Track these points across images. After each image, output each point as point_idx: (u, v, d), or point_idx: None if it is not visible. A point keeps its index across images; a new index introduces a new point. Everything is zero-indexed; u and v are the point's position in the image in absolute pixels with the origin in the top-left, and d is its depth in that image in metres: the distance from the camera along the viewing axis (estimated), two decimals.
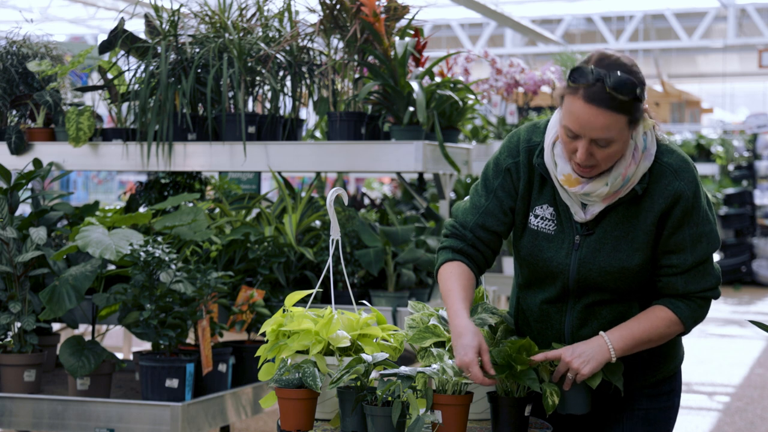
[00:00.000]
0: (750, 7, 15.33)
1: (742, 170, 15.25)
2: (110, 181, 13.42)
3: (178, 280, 3.67)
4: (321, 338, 2.47)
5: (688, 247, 2.44)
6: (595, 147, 2.33)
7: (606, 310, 2.53)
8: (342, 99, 4.31)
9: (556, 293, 2.54)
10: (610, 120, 2.29)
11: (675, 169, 2.43)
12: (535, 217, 2.53)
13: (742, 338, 10.10)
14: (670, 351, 2.65)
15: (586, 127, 2.30)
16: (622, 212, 2.45)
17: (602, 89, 2.28)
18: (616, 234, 2.45)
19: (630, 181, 2.41)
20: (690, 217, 2.43)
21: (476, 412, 2.52)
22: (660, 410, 2.67)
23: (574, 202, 2.46)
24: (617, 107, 2.28)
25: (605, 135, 2.30)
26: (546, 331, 2.59)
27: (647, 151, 2.42)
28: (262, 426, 6.10)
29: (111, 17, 15.41)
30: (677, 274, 2.48)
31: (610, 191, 2.41)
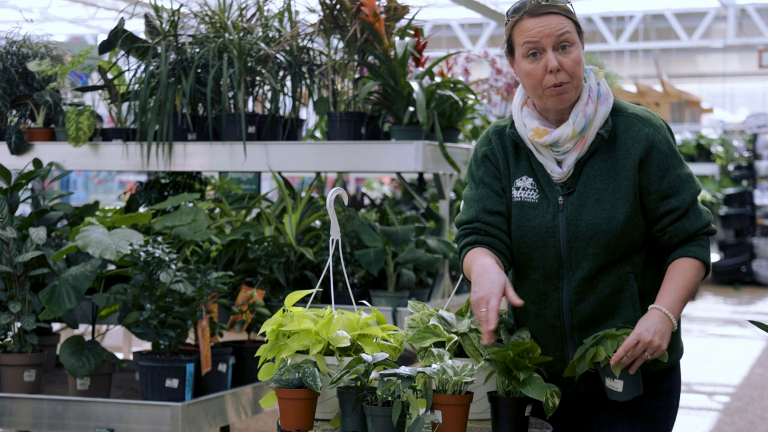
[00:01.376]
0: (750, 7, 15.33)
1: (742, 170, 15.25)
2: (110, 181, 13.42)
3: (178, 280, 3.67)
4: (321, 338, 2.47)
5: (681, 187, 2.53)
6: (560, 54, 2.46)
7: (602, 284, 2.54)
8: (342, 99, 4.32)
9: (550, 266, 2.55)
10: (561, 20, 2.47)
11: (641, 118, 2.54)
12: (516, 189, 2.59)
13: (742, 338, 10.10)
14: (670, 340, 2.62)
15: (543, 32, 2.46)
16: (598, 165, 2.52)
17: (540, 3, 2.48)
18: (596, 187, 2.51)
19: (592, 124, 2.51)
20: (672, 160, 2.53)
21: (476, 412, 2.52)
22: (659, 410, 2.66)
23: (549, 160, 2.54)
24: (560, 12, 2.48)
25: (562, 31, 2.46)
26: (544, 311, 2.59)
27: (603, 96, 2.54)
28: (262, 426, 6.10)
29: (111, 17, 15.41)
30: (681, 216, 2.54)
31: (575, 130, 2.49)
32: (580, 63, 2.49)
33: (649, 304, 2.56)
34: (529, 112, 2.56)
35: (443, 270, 4.45)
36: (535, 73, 2.48)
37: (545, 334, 2.61)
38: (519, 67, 2.53)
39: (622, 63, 19.41)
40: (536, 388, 2.36)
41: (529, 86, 2.51)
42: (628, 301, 2.56)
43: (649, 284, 2.58)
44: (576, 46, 2.48)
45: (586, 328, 2.57)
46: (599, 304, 2.54)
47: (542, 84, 2.48)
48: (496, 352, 2.39)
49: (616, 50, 17.10)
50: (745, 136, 15.59)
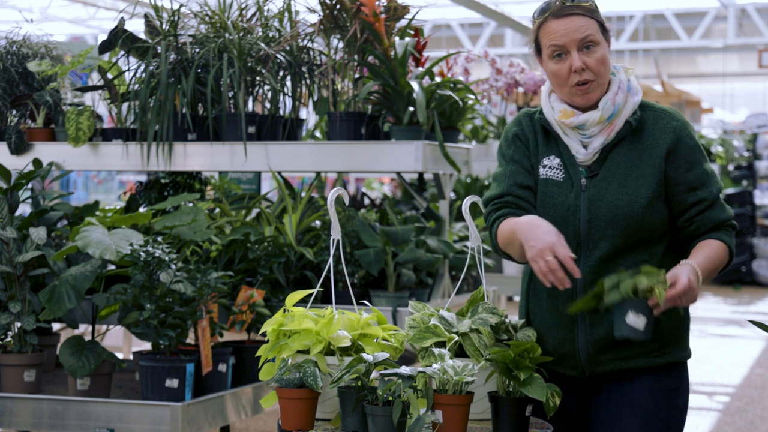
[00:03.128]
0: (750, 7, 15.34)
1: (742, 170, 15.25)
2: (110, 181, 13.43)
3: (178, 280, 3.66)
4: (322, 338, 2.47)
5: (708, 180, 2.60)
6: (584, 54, 2.57)
7: (618, 267, 2.55)
8: (342, 99, 4.31)
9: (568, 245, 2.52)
10: (585, 21, 2.58)
11: (669, 113, 2.64)
12: (543, 167, 2.66)
13: (742, 338, 10.10)
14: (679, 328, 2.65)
15: (567, 34, 2.57)
16: (623, 153, 2.60)
17: (565, 5, 2.59)
18: (620, 172, 2.58)
19: (621, 112, 2.60)
20: (698, 155, 2.61)
21: (476, 412, 2.52)
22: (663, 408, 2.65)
23: (575, 142, 2.62)
24: (584, 12, 2.59)
25: (586, 33, 2.56)
26: (558, 290, 2.58)
27: (633, 90, 2.64)
28: (262, 426, 6.10)
29: (111, 17, 15.41)
30: (708, 207, 2.60)
31: (602, 116, 2.58)
32: (604, 62, 2.59)
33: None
34: (556, 98, 2.65)
35: (443, 270, 4.44)
36: (561, 73, 2.58)
37: (557, 314, 2.63)
38: (546, 67, 2.63)
39: (622, 63, 19.41)
40: (537, 388, 2.36)
41: (557, 85, 2.62)
42: None
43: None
44: (600, 46, 2.58)
45: (598, 312, 2.57)
46: None
47: (568, 83, 2.58)
48: (496, 352, 2.39)
49: (616, 50, 17.09)
50: (745, 136, 15.59)
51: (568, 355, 2.63)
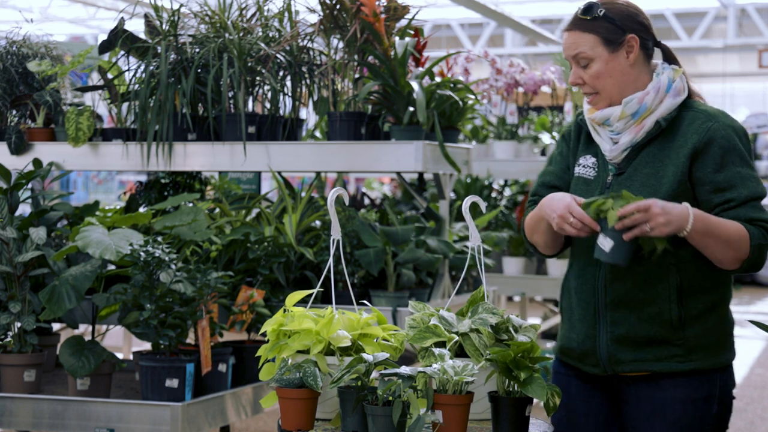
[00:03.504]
0: (750, 7, 15.33)
1: None
2: (110, 181, 13.43)
3: (178, 280, 3.66)
4: (322, 338, 2.47)
5: (739, 183, 2.54)
6: (580, 69, 2.62)
7: (641, 268, 2.56)
8: (342, 99, 4.31)
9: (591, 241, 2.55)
10: (578, 38, 2.60)
11: (710, 114, 2.59)
12: (578, 165, 2.72)
13: (742, 338, 10.09)
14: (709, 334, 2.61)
15: (566, 50, 2.64)
16: (653, 153, 2.60)
17: (572, 19, 2.64)
18: (645, 171, 2.58)
19: (650, 112, 2.59)
20: (733, 157, 2.54)
21: (476, 412, 2.52)
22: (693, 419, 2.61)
23: (604, 139, 2.65)
24: (583, 27, 2.60)
25: (576, 51, 2.60)
26: (583, 285, 2.64)
27: (675, 91, 2.61)
28: (262, 426, 6.10)
29: (111, 17, 15.40)
30: (736, 206, 2.54)
31: (624, 112, 2.59)
32: (600, 77, 2.60)
33: (688, 302, 2.56)
34: None
35: (443, 270, 4.44)
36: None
37: (581, 310, 2.66)
38: None
39: None
40: (537, 388, 2.35)
41: None
42: (665, 292, 2.56)
43: (692, 281, 2.58)
44: (597, 61, 2.60)
45: (617, 308, 2.58)
46: (634, 287, 2.56)
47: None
48: (496, 352, 2.39)
49: None
50: None
51: (590, 352, 2.65)
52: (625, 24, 2.60)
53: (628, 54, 2.61)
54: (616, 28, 2.59)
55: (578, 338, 2.67)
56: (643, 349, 2.60)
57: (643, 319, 2.59)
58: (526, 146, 6.84)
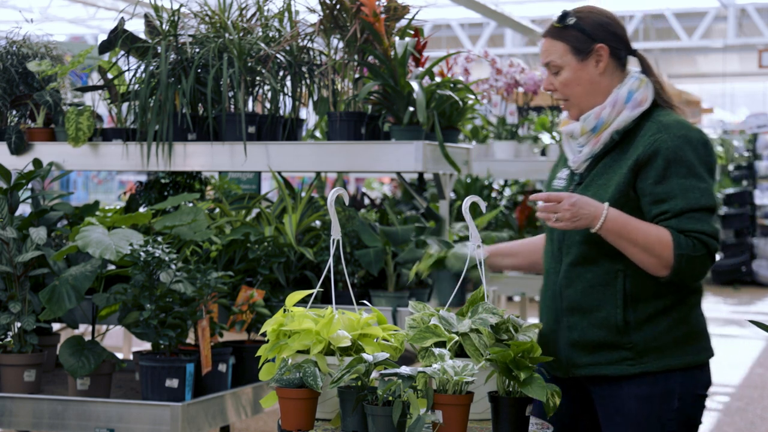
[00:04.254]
0: (750, 7, 15.33)
1: (742, 170, 15.25)
2: (110, 181, 13.43)
3: (178, 280, 3.66)
4: (322, 338, 2.47)
5: (679, 195, 2.56)
6: (552, 75, 2.71)
7: (590, 274, 2.65)
8: (342, 99, 4.31)
9: (554, 249, 2.74)
10: (550, 45, 2.68)
11: (663, 125, 2.62)
12: (557, 178, 2.85)
13: (742, 338, 10.10)
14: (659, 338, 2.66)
15: (540, 56, 2.72)
16: (609, 163, 2.67)
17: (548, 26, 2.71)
18: (599, 182, 2.67)
19: (607, 125, 2.65)
20: (678, 168, 2.57)
21: (476, 412, 2.52)
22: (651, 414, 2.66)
23: (570, 150, 2.77)
24: (555, 35, 2.68)
25: (548, 59, 2.69)
26: (546, 292, 2.78)
27: (634, 102, 2.65)
28: (262, 426, 6.10)
29: (111, 17, 15.40)
30: (670, 218, 2.57)
31: (584, 128, 2.67)
32: (569, 84, 2.68)
33: (636, 306, 2.61)
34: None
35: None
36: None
37: (546, 315, 2.79)
38: None
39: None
40: (537, 388, 2.36)
41: None
42: (612, 298, 2.63)
43: (641, 286, 2.62)
44: (567, 69, 2.68)
45: (572, 314, 2.68)
46: (584, 293, 2.65)
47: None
48: (496, 352, 2.39)
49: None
50: (745, 136, 15.59)
51: (553, 354, 2.74)
52: (596, 33, 2.66)
53: (598, 63, 2.68)
54: (586, 37, 2.66)
55: (544, 342, 2.74)
56: (597, 353, 2.67)
57: (593, 324, 2.66)
58: (526, 146, 6.84)
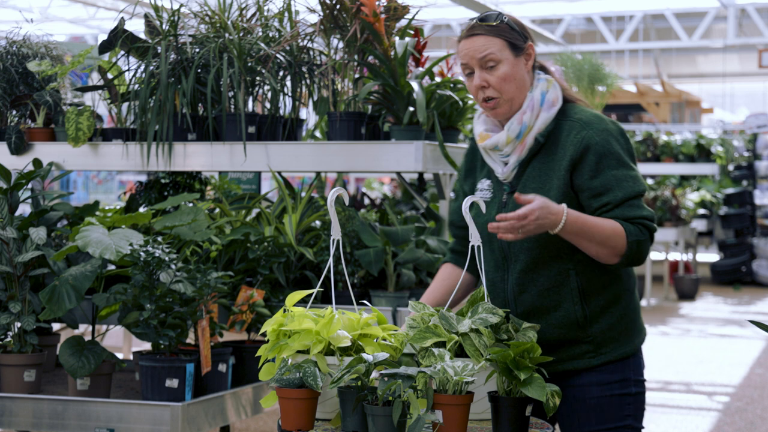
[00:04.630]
0: (750, 7, 15.33)
1: (742, 170, 15.25)
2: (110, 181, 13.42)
3: (178, 280, 3.66)
4: (322, 338, 2.47)
5: (615, 186, 2.67)
6: (486, 73, 2.71)
7: (542, 278, 2.73)
8: (342, 99, 4.31)
9: (497, 259, 2.79)
10: (485, 41, 2.71)
11: (584, 122, 2.72)
12: (478, 190, 2.87)
13: (742, 338, 10.10)
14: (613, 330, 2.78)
15: (469, 53, 2.73)
16: (537, 167, 2.74)
17: (471, 25, 2.75)
18: (533, 186, 2.72)
19: (530, 129, 2.73)
20: (609, 161, 2.68)
21: (476, 412, 2.52)
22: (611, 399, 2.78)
23: (495, 162, 2.80)
24: (488, 31, 2.72)
25: (485, 52, 2.70)
26: (495, 300, 2.80)
27: (547, 104, 2.75)
28: (262, 426, 6.10)
29: (111, 17, 15.40)
30: (612, 209, 2.68)
31: (509, 137, 2.73)
32: (507, 79, 2.72)
33: (590, 301, 2.73)
34: (484, 119, 2.84)
35: None
36: (472, 90, 2.76)
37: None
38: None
39: (622, 63, 19.42)
40: (537, 388, 2.36)
41: (475, 100, 2.81)
42: (569, 296, 2.73)
43: (591, 281, 2.74)
44: (504, 63, 2.72)
45: (529, 318, 2.75)
46: (540, 296, 2.72)
47: (478, 98, 2.76)
48: (496, 352, 2.39)
49: (616, 50, 17.10)
50: (745, 136, 15.59)
51: None
52: (524, 33, 2.78)
53: (527, 61, 2.77)
54: (519, 35, 2.76)
55: None
56: (557, 350, 2.75)
57: (552, 324, 2.74)
58: None
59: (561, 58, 7.05)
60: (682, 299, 13.02)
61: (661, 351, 9.26)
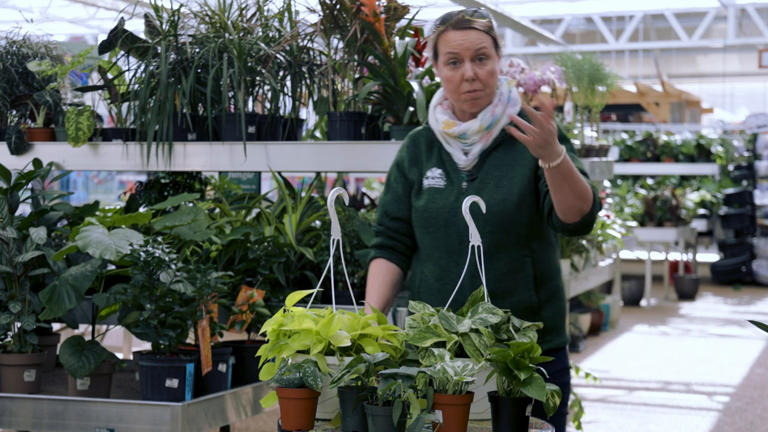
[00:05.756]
0: (750, 7, 15.33)
1: (742, 170, 15.24)
2: (110, 181, 13.42)
3: (178, 280, 3.66)
4: (322, 338, 2.47)
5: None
6: (476, 66, 2.83)
7: (500, 262, 2.86)
8: (342, 99, 4.32)
9: (452, 244, 2.88)
10: (479, 35, 2.84)
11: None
12: (427, 178, 2.96)
13: (742, 338, 10.10)
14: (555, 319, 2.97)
15: (463, 45, 2.83)
16: (499, 157, 2.90)
17: (464, 18, 2.85)
18: (496, 174, 2.88)
19: (498, 122, 2.89)
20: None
21: (476, 412, 2.52)
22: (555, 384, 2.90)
23: (456, 150, 2.92)
24: (481, 28, 2.86)
25: (480, 46, 2.83)
26: (447, 286, 2.90)
27: (512, 101, 2.93)
28: (262, 426, 6.10)
29: (111, 17, 15.40)
30: None
31: (482, 125, 2.87)
32: (493, 74, 2.88)
33: (541, 288, 2.91)
34: (442, 110, 2.95)
35: None
36: (453, 80, 2.85)
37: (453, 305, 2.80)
38: (441, 72, 2.90)
39: (622, 63, 19.42)
40: (537, 388, 2.36)
41: (448, 90, 2.89)
42: (524, 282, 2.88)
43: (543, 270, 2.92)
44: (492, 60, 2.87)
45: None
46: (497, 281, 2.84)
47: (459, 89, 2.86)
48: (496, 352, 2.39)
49: (616, 50, 17.10)
50: (745, 136, 15.58)
51: None
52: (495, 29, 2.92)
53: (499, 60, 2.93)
54: (497, 37, 2.91)
55: None
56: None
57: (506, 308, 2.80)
58: None
59: (561, 58, 7.04)
60: (682, 299, 13.02)
61: (661, 351, 9.26)
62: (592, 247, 7.09)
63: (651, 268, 12.62)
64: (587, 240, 6.88)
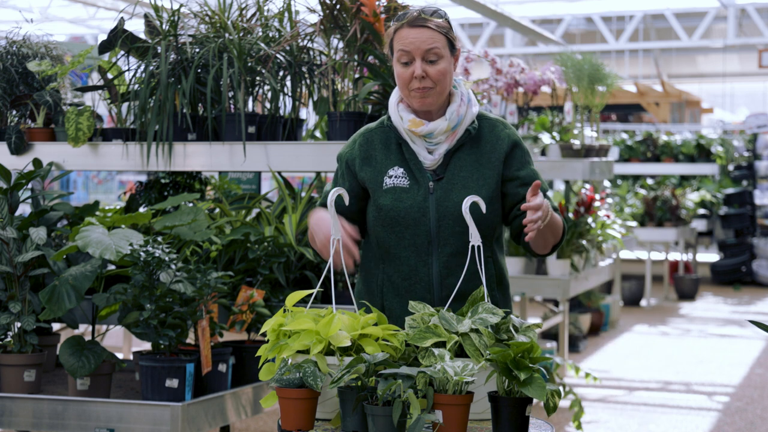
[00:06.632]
0: (750, 7, 15.33)
1: (742, 170, 15.23)
2: (110, 181, 13.42)
3: (178, 280, 3.66)
4: (322, 338, 2.47)
5: (537, 177, 2.94)
6: (427, 65, 2.84)
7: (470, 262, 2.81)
8: (342, 99, 4.32)
9: (420, 243, 2.87)
10: (433, 35, 2.84)
11: (502, 122, 2.99)
12: (389, 177, 2.92)
13: (742, 338, 10.09)
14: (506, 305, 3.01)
15: (415, 43, 2.83)
16: (464, 158, 2.91)
17: (420, 17, 2.85)
18: (463, 175, 2.89)
19: (463, 122, 2.91)
20: (528, 158, 2.98)
21: (476, 412, 2.52)
22: None
23: (421, 149, 2.91)
24: (435, 28, 2.85)
25: (431, 45, 2.83)
26: (414, 286, 2.88)
27: (471, 102, 2.95)
28: (262, 426, 6.10)
29: (111, 17, 15.40)
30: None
31: (449, 125, 2.88)
32: (445, 74, 2.86)
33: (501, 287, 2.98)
34: (404, 107, 2.92)
35: None
36: (404, 77, 2.85)
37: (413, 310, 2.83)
38: (394, 68, 2.89)
39: (622, 63, 19.42)
40: (537, 388, 2.35)
41: (399, 86, 2.89)
42: (489, 281, 2.88)
43: (500, 271, 2.98)
44: (444, 60, 2.86)
45: (456, 301, 2.81)
46: (466, 280, 2.81)
47: (408, 86, 2.85)
48: (496, 352, 2.39)
49: (616, 50, 17.10)
50: (745, 136, 15.57)
51: None
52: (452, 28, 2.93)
53: (454, 63, 2.93)
54: (453, 38, 2.91)
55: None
56: None
57: None
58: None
59: (561, 58, 7.04)
60: (682, 299, 13.02)
61: (661, 351, 9.26)
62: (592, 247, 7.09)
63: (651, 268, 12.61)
64: (587, 240, 6.88)
